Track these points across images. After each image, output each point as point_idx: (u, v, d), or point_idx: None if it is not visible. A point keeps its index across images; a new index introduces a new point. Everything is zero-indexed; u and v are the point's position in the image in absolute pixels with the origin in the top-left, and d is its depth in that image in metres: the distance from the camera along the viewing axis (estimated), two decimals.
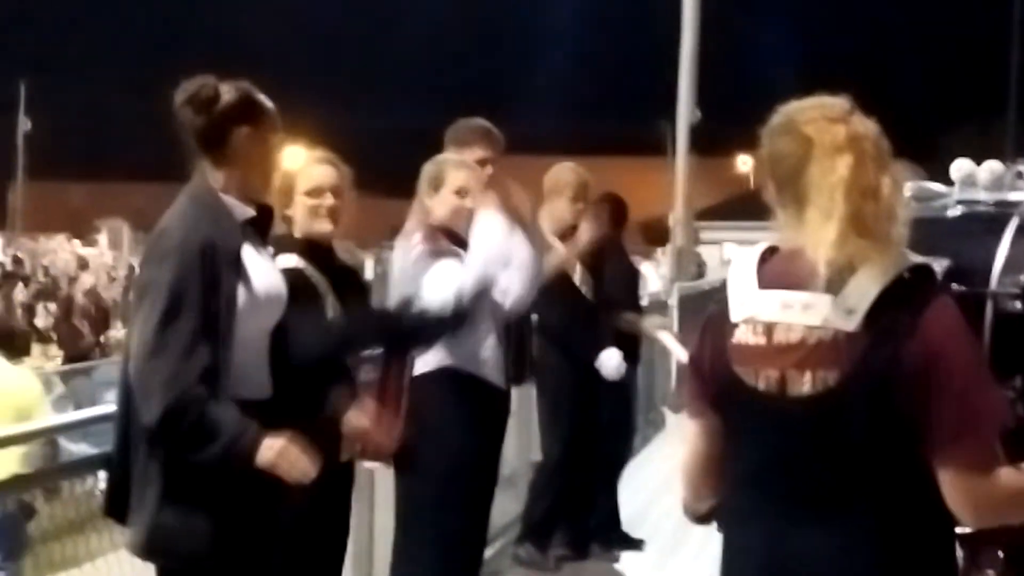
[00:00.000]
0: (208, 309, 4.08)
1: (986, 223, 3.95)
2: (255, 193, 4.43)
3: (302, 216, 5.28)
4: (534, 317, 7.41)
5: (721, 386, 3.03)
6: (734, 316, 2.98)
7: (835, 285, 2.83)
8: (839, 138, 2.89)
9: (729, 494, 3.13)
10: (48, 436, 5.71)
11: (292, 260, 5.09)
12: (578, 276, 8.13)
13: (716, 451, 3.13)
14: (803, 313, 2.86)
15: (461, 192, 5.94)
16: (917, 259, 2.86)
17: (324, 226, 5.29)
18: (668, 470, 10.18)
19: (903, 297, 2.80)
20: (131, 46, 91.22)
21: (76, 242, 37.91)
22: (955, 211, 4.05)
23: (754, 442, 3.02)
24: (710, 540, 3.26)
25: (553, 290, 7.66)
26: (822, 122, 2.93)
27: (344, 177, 5.40)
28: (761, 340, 2.91)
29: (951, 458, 2.79)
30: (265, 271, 4.38)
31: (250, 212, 4.34)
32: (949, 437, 2.77)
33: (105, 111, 73.69)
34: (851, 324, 2.80)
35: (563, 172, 8.23)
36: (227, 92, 4.32)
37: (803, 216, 2.90)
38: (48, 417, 7.85)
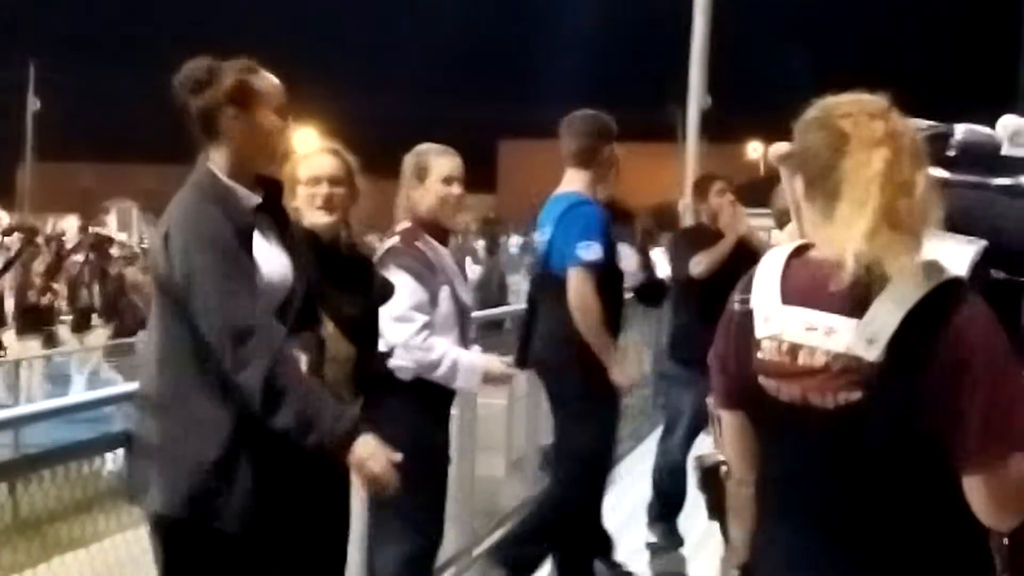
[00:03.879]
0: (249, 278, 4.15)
1: None
2: (261, 172, 4.43)
3: (303, 206, 5.18)
4: None
5: (745, 389, 3.01)
6: (758, 332, 2.94)
7: (859, 304, 2.78)
8: (877, 133, 2.83)
9: (759, 489, 3.13)
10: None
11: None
12: None
13: (750, 442, 3.12)
14: (826, 337, 2.81)
15: (448, 180, 5.97)
16: (946, 274, 2.80)
17: (319, 217, 5.18)
18: None
19: (928, 317, 2.74)
20: (141, 27, 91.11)
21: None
22: (1001, 180, 3.52)
23: (778, 447, 3.02)
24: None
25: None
26: (860, 116, 2.87)
27: (347, 166, 5.30)
28: (785, 359, 2.88)
29: (978, 469, 2.74)
30: (272, 256, 4.37)
31: (256, 199, 4.34)
32: (974, 450, 2.73)
33: (114, 92, 73.54)
34: (872, 354, 2.75)
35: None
36: (223, 73, 4.31)
37: (834, 210, 2.85)
38: None
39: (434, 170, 5.99)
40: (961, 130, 3.55)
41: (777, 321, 2.91)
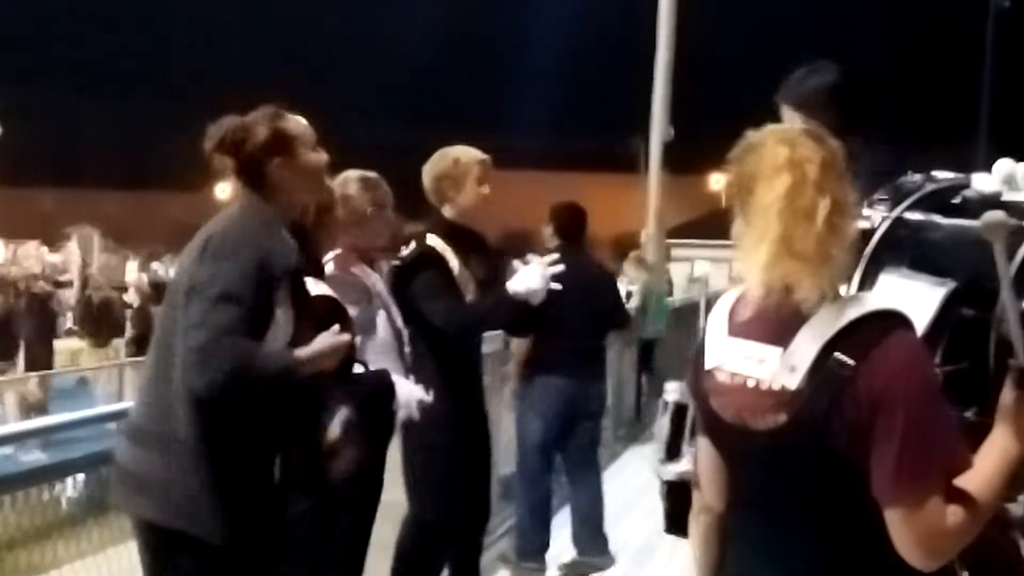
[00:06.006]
0: (254, 316, 4.16)
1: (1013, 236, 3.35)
2: (297, 217, 4.63)
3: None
4: None
5: (704, 412, 3.11)
6: (707, 363, 3.05)
7: (786, 333, 2.85)
8: (779, 159, 2.89)
9: (728, 507, 3.21)
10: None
11: (321, 287, 5.06)
12: None
13: (717, 470, 3.20)
14: (758, 366, 2.90)
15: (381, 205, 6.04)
16: (869, 307, 2.83)
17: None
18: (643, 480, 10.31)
19: (849, 348, 2.79)
20: (104, 54, 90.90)
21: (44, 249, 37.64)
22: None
23: (732, 466, 3.12)
24: (678, 550, 3.32)
25: None
26: (771, 144, 2.93)
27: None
28: (727, 380, 2.98)
29: (893, 505, 2.77)
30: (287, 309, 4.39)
31: (296, 251, 4.41)
32: (890, 486, 2.76)
33: (77, 118, 73.35)
34: (793, 382, 2.82)
35: None
36: (254, 127, 4.40)
37: (743, 239, 2.93)
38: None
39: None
40: (977, 180, 3.59)
41: (721, 352, 3.02)
